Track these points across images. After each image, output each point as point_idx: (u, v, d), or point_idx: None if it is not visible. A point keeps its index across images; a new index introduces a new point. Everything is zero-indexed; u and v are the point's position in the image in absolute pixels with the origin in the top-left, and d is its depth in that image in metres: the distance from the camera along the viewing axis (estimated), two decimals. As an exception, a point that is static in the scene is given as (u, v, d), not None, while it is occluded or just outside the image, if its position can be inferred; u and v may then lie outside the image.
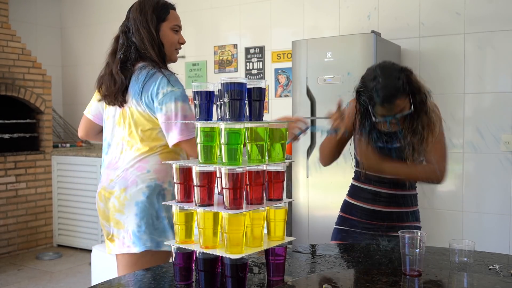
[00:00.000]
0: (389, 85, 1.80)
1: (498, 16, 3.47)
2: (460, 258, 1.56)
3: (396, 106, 1.82)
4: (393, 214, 1.99)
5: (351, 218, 2.06)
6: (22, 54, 4.98)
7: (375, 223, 2.00)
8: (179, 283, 1.45)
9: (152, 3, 1.90)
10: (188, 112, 1.82)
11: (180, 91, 1.84)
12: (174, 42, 1.92)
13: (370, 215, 2.01)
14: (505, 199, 3.47)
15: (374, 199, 1.99)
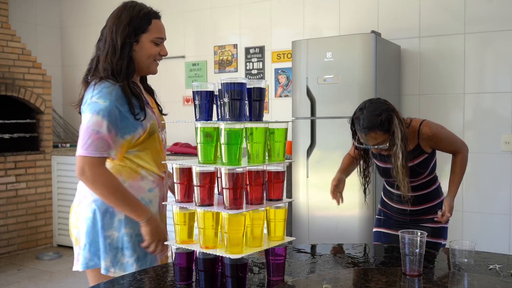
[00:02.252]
0: (369, 118, 2.03)
1: (498, 16, 3.47)
2: (460, 258, 1.56)
3: (371, 137, 2.04)
4: (416, 211, 2.25)
5: (386, 211, 2.37)
6: (22, 54, 4.98)
7: (404, 218, 2.29)
8: (179, 283, 1.45)
9: (131, 14, 1.77)
10: (102, 130, 1.62)
11: (104, 104, 1.63)
12: (153, 54, 1.77)
13: (397, 211, 2.30)
14: (505, 199, 3.47)
15: (398, 200, 2.26)
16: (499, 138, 3.48)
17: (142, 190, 1.76)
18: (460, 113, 3.60)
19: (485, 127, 3.53)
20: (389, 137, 2.04)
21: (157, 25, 1.78)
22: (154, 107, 1.89)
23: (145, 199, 1.76)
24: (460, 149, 2.23)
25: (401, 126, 2.03)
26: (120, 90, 1.67)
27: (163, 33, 1.81)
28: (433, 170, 2.25)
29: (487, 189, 3.54)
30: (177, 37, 4.96)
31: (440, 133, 2.18)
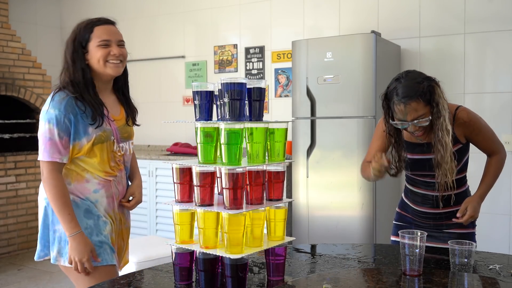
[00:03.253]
0: (409, 86, 1.82)
1: (498, 16, 3.47)
2: (460, 258, 1.56)
3: (412, 109, 1.81)
4: (443, 214, 2.00)
5: (406, 215, 2.11)
6: (22, 54, 4.98)
7: (426, 222, 2.04)
8: (179, 283, 1.45)
9: (74, 31, 1.88)
10: (54, 137, 1.78)
11: (54, 114, 1.78)
12: (102, 56, 1.82)
13: (421, 215, 2.05)
14: (505, 199, 3.47)
15: (422, 202, 2.03)
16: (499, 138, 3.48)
17: (88, 191, 1.87)
18: (460, 113, 3.60)
19: (485, 127, 3.53)
20: (431, 110, 1.82)
21: (99, 30, 1.85)
22: (118, 119, 1.95)
23: (91, 199, 1.87)
24: (498, 149, 2.05)
25: (444, 97, 1.83)
26: (72, 100, 1.80)
27: (108, 35, 1.85)
28: (465, 167, 2.05)
29: (487, 189, 3.54)
30: (177, 37, 4.96)
31: (478, 121, 1.98)
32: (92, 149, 1.83)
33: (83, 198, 1.87)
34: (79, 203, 1.86)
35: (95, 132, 1.82)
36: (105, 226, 1.88)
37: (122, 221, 2.00)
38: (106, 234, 1.87)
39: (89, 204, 1.86)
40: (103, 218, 1.88)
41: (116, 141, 1.92)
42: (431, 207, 2.00)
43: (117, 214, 1.96)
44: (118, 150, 1.93)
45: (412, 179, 2.06)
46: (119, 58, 1.86)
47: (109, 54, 1.83)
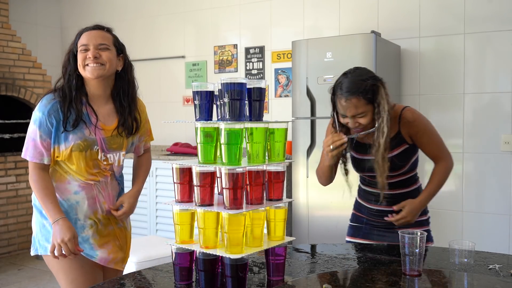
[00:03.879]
0: (354, 82, 1.85)
1: (498, 16, 3.47)
2: (460, 258, 1.56)
3: (352, 105, 1.84)
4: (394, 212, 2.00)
5: (362, 216, 2.13)
6: (22, 54, 4.98)
7: (381, 221, 2.04)
8: (179, 283, 1.45)
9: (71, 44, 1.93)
10: (36, 138, 1.83)
11: (39, 116, 1.83)
12: (81, 60, 1.85)
13: (376, 214, 2.06)
14: (505, 199, 3.47)
15: (376, 200, 2.04)
16: (499, 138, 3.48)
17: (68, 192, 1.90)
18: (460, 113, 3.60)
19: (485, 127, 3.53)
20: (373, 109, 1.84)
21: (82, 37, 1.88)
22: (108, 129, 1.92)
23: (71, 200, 1.90)
24: (443, 156, 1.99)
25: (387, 98, 1.84)
26: (57, 104, 1.83)
27: (87, 40, 1.86)
28: (414, 167, 2.04)
29: (487, 189, 3.54)
30: (177, 37, 4.96)
31: (423, 123, 1.95)
32: (70, 156, 1.85)
33: (63, 199, 1.90)
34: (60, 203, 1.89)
35: (74, 139, 1.84)
36: (82, 230, 1.91)
37: (113, 222, 1.99)
38: (83, 236, 1.90)
39: (70, 205, 1.90)
40: (81, 222, 1.91)
41: (101, 150, 1.90)
42: (387, 205, 2.01)
43: (103, 216, 1.95)
44: (104, 159, 1.91)
45: (364, 179, 2.09)
46: (97, 61, 1.84)
47: (86, 58, 1.85)
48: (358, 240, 2.10)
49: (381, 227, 2.05)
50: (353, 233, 2.14)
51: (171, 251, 1.46)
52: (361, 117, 1.87)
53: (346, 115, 1.89)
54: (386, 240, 2.04)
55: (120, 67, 1.96)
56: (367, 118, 1.87)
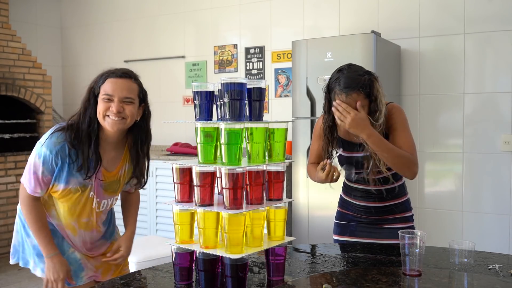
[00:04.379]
0: (351, 77, 1.88)
1: (498, 16, 3.47)
2: (460, 258, 1.56)
3: (352, 99, 1.85)
4: (382, 208, 2.04)
5: (347, 213, 2.13)
6: (22, 54, 4.97)
7: (368, 217, 2.06)
8: (179, 283, 1.45)
9: (94, 79, 1.84)
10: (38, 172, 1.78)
11: (45, 153, 1.76)
12: (100, 111, 1.76)
13: (363, 210, 2.07)
14: (504, 199, 3.47)
15: (364, 197, 2.05)
16: (499, 138, 3.48)
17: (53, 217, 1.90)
18: (460, 113, 3.60)
19: (485, 127, 3.53)
20: (369, 103, 1.87)
21: (107, 84, 1.77)
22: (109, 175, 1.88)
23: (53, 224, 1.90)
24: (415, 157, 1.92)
25: (382, 92, 1.88)
26: (66, 147, 1.77)
27: (113, 90, 1.76)
28: None
29: (487, 189, 3.54)
30: (177, 37, 4.96)
31: (401, 117, 1.96)
32: (65, 196, 1.83)
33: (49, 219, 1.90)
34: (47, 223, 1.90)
35: (73, 183, 1.80)
36: (69, 247, 1.92)
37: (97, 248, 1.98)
38: (70, 253, 1.91)
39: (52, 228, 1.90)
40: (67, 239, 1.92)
41: (96, 195, 1.88)
42: (374, 201, 2.03)
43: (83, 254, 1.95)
44: (96, 206, 1.90)
45: (350, 175, 2.07)
46: (119, 115, 1.75)
47: (108, 109, 1.75)
48: (345, 238, 2.11)
49: (368, 223, 2.07)
50: (340, 231, 2.14)
51: (171, 251, 1.46)
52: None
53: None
54: (374, 236, 2.04)
55: (139, 116, 1.86)
56: (365, 111, 1.88)
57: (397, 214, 2.05)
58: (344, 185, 2.16)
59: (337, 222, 2.18)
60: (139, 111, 1.84)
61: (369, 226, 2.06)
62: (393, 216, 2.05)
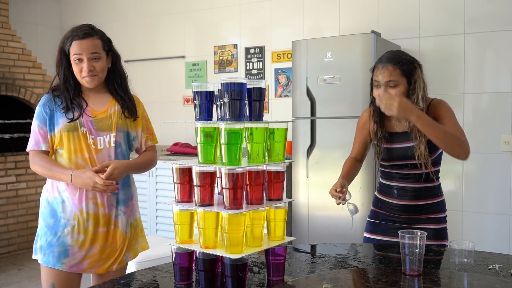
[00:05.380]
0: (394, 53, 1.99)
1: (498, 16, 3.47)
2: (460, 258, 1.56)
3: (387, 71, 1.92)
4: (418, 207, 2.04)
5: (381, 212, 2.13)
6: (22, 54, 4.98)
7: (402, 216, 2.06)
8: (179, 283, 1.45)
9: (61, 40, 2.08)
10: (35, 128, 2.00)
11: (36, 110, 2.03)
12: (77, 72, 2.00)
13: (397, 209, 2.07)
14: (505, 199, 3.47)
15: (399, 194, 2.06)
16: (499, 138, 3.48)
17: (57, 190, 2.01)
18: (460, 113, 3.60)
19: (485, 127, 3.53)
20: (407, 86, 1.92)
21: (74, 45, 1.99)
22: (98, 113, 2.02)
23: (59, 198, 2.00)
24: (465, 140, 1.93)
25: (424, 79, 1.94)
26: (51, 96, 2.02)
27: (80, 49, 1.97)
28: (439, 161, 2.05)
29: (487, 189, 3.54)
30: (177, 37, 4.96)
31: (446, 107, 1.98)
32: (61, 139, 1.98)
33: (54, 197, 2.01)
34: (50, 201, 2.01)
35: (63, 122, 1.97)
36: (63, 228, 1.97)
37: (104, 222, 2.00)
38: (61, 236, 1.97)
39: (57, 203, 1.99)
40: (64, 220, 1.97)
41: (89, 132, 1.98)
42: (409, 199, 2.03)
43: (92, 215, 1.98)
44: (93, 142, 1.98)
45: (388, 174, 2.10)
46: (91, 73, 1.98)
47: (82, 70, 1.98)
48: (376, 237, 2.11)
49: (400, 222, 2.06)
50: (372, 229, 2.15)
51: (171, 251, 1.46)
52: (393, 87, 1.92)
53: (379, 84, 1.94)
54: None
55: (110, 63, 2.08)
56: (398, 90, 1.92)
57: (431, 214, 2.05)
58: (379, 184, 2.17)
59: (370, 221, 2.18)
60: (108, 59, 2.06)
61: (401, 226, 2.03)
62: (426, 216, 2.04)
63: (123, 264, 2.08)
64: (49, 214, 2.00)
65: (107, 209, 2.00)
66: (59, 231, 1.97)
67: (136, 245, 2.12)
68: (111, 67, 2.09)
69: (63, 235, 1.97)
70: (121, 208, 2.04)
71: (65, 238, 1.97)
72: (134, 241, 2.11)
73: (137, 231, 2.13)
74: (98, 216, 1.98)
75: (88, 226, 1.97)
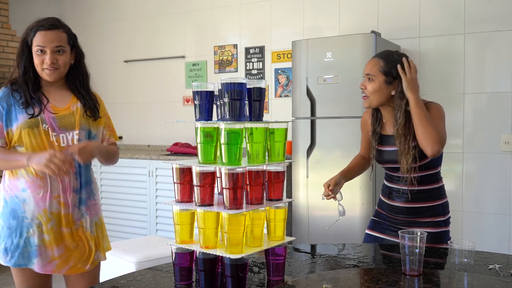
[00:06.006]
0: (387, 50, 2.03)
1: (498, 16, 3.47)
2: (460, 258, 1.56)
3: (371, 63, 1.97)
4: (414, 209, 2.04)
5: (382, 212, 2.16)
6: (22, 54, 4.97)
7: (399, 218, 2.07)
8: (179, 283, 1.45)
9: (25, 30, 1.97)
10: None
11: None
12: (38, 64, 1.94)
13: (394, 210, 2.08)
14: (505, 199, 3.47)
15: (396, 196, 2.07)
16: (499, 138, 3.48)
17: (17, 189, 1.94)
18: (460, 113, 3.60)
19: (485, 127, 3.53)
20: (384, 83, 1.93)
21: (38, 37, 1.92)
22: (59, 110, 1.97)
23: (19, 197, 1.94)
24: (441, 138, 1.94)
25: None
26: (9, 90, 1.95)
27: (44, 42, 1.91)
28: (437, 164, 2.04)
29: (487, 189, 3.54)
30: (177, 37, 4.96)
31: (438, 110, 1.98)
32: (20, 135, 1.91)
33: (12, 196, 1.94)
34: (8, 201, 1.95)
35: (23, 118, 1.90)
36: (29, 228, 1.93)
37: (69, 222, 1.97)
38: (28, 237, 1.92)
39: (17, 203, 1.93)
40: (28, 220, 1.93)
41: (51, 129, 1.93)
42: (404, 201, 2.03)
43: (55, 215, 1.94)
44: (55, 139, 1.94)
45: (387, 175, 2.13)
46: (53, 65, 1.93)
47: (43, 62, 1.92)
48: (375, 234, 2.14)
49: (398, 224, 2.07)
50: (373, 226, 2.18)
51: (171, 251, 1.46)
52: (370, 82, 1.96)
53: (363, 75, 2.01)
54: None
55: (73, 59, 2.04)
56: (372, 86, 1.95)
57: (429, 217, 2.03)
58: (382, 185, 2.20)
59: (373, 219, 2.21)
60: (71, 55, 2.01)
61: (399, 228, 2.02)
62: (423, 219, 2.03)
63: (95, 263, 2.06)
64: (10, 214, 1.94)
65: (70, 209, 1.96)
66: (24, 232, 1.92)
67: (104, 244, 2.11)
68: (74, 64, 2.05)
69: (29, 235, 1.92)
70: (83, 208, 2.02)
71: (32, 238, 1.92)
72: (101, 240, 2.09)
73: (103, 230, 2.12)
74: (60, 216, 1.95)
75: (52, 226, 1.93)
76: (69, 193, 1.96)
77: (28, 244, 1.93)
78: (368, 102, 2.00)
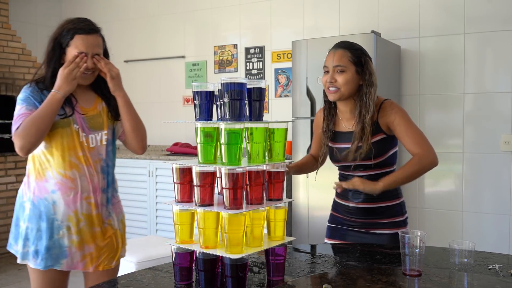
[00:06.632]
0: (346, 41, 1.98)
1: (498, 16, 3.47)
2: (460, 259, 1.56)
3: (338, 55, 1.91)
4: (373, 209, 1.99)
5: (338, 216, 2.10)
6: (22, 54, 4.98)
7: (358, 220, 2.02)
8: (179, 283, 1.45)
9: (59, 29, 1.94)
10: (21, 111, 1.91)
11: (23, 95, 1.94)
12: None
13: (352, 212, 2.03)
14: (504, 199, 3.47)
15: (354, 196, 2.01)
16: (499, 138, 3.48)
17: (46, 191, 1.92)
18: (460, 113, 3.60)
19: (485, 127, 3.53)
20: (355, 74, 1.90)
21: (79, 40, 1.90)
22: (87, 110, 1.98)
23: (48, 200, 1.92)
24: (423, 148, 1.89)
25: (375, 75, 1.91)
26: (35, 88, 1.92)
27: (86, 47, 1.90)
28: (392, 162, 1.99)
29: (487, 189, 3.54)
30: (177, 37, 4.96)
31: (400, 113, 1.92)
32: (53, 134, 1.89)
33: (41, 198, 1.92)
34: (36, 203, 1.93)
35: (56, 117, 1.88)
36: (58, 230, 1.92)
37: (98, 222, 1.98)
38: (57, 238, 1.91)
39: (47, 205, 1.91)
40: (58, 222, 1.92)
41: (82, 129, 1.94)
42: (362, 201, 1.98)
43: (86, 216, 1.94)
44: (84, 140, 1.93)
45: (342, 175, 2.10)
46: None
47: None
48: (335, 242, 2.08)
49: (356, 227, 2.02)
50: (330, 234, 2.11)
51: (171, 251, 1.46)
52: (340, 74, 1.91)
53: (328, 69, 1.93)
54: (363, 242, 1.99)
55: None
56: (344, 76, 1.90)
57: (387, 218, 1.99)
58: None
59: (329, 225, 2.15)
60: None
61: (358, 231, 2.02)
62: (382, 220, 1.99)
63: (119, 261, 2.09)
64: (38, 216, 1.92)
65: (100, 209, 1.97)
66: (55, 234, 1.92)
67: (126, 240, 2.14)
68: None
69: (59, 237, 1.92)
70: (110, 206, 2.03)
71: (62, 240, 1.92)
72: (125, 237, 2.12)
73: (125, 227, 2.14)
74: (91, 217, 1.95)
75: (83, 226, 1.94)
76: (98, 193, 1.97)
77: (58, 245, 1.92)
78: (339, 94, 1.93)
